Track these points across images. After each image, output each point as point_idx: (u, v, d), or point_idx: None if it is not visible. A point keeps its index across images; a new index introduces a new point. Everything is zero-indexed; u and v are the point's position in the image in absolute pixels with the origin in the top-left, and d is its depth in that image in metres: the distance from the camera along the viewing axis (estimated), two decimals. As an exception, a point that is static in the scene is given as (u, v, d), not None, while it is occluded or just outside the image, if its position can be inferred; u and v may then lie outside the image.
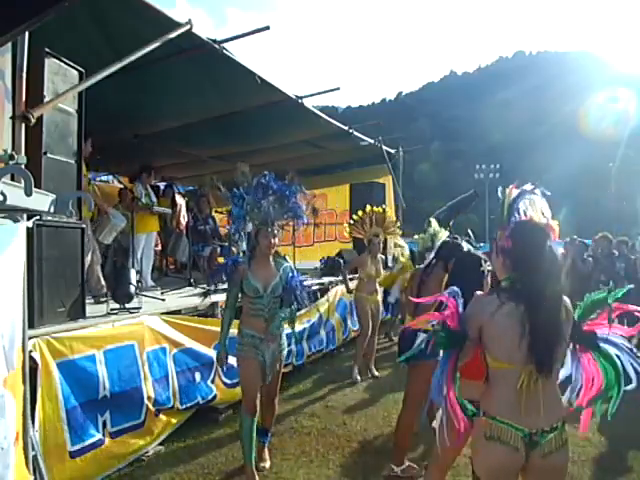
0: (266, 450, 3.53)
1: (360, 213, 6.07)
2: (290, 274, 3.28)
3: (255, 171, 3.44)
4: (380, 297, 5.92)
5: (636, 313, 1.84)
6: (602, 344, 1.82)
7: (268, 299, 3.19)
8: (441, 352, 1.80)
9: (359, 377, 5.55)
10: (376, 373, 5.79)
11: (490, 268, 2.58)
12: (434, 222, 3.58)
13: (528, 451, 1.67)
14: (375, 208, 6.04)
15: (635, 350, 1.85)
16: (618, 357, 1.81)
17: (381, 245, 5.95)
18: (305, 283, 3.49)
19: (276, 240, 3.24)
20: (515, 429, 1.66)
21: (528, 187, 2.06)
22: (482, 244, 9.22)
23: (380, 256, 5.97)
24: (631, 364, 1.81)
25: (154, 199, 6.65)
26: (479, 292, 1.87)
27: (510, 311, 1.68)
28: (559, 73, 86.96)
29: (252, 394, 3.18)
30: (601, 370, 1.83)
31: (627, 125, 55.95)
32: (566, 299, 1.79)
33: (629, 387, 1.84)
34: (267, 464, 3.44)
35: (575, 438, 3.87)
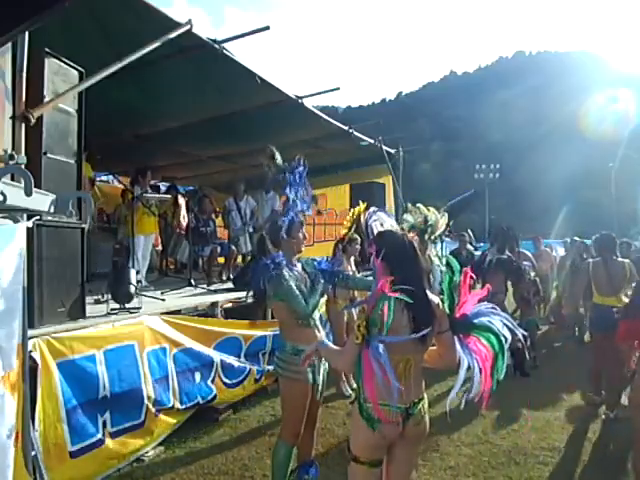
0: None
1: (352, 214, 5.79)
2: (313, 262, 2.86)
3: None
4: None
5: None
6: (475, 320, 2.02)
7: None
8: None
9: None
10: (347, 392, 5.04)
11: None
12: (433, 209, 3.60)
13: (405, 422, 1.94)
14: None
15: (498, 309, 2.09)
16: (491, 322, 2.02)
17: (358, 247, 5.38)
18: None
19: None
20: (396, 408, 1.91)
21: (373, 209, 2.73)
22: (482, 244, 9.25)
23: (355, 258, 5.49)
24: (501, 322, 2.03)
25: (152, 201, 6.64)
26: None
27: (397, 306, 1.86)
28: (559, 73, 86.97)
29: (300, 423, 2.72)
30: (486, 343, 2.02)
31: (627, 125, 55.94)
32: (432, 295, 2.02)
33: (507, 345, 2.03)
34: None
35: (575, 438, 3.90)
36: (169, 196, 7.18)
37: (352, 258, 5.38)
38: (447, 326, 2.02)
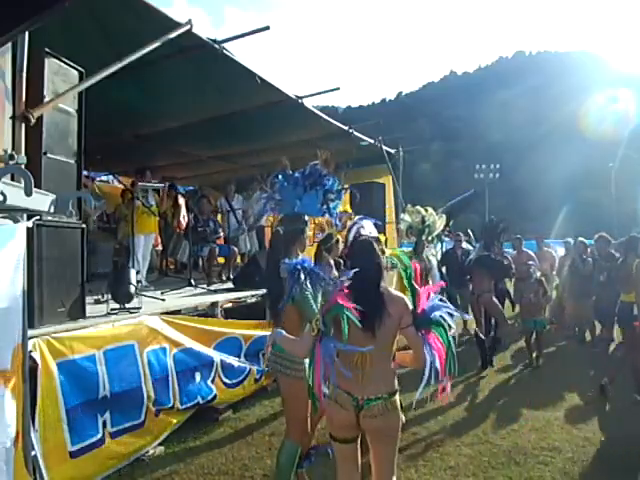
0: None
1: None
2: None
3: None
4: None
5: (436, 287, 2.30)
6: (432, 315, 2.17)
7: None
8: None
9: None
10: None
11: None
12: (431, 210, 3.84)
13: (357, 412, 2.13)
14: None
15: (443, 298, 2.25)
16: (442, 317, 2.17)
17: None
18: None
19: None
20: (348, 394, 2.14)
21: (357, 218, 3.28)
22: (478, 244, 9.23)
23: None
24: (446, 312, 2.19)
25: (152, 201, 6.65)
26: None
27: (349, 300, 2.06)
28: (559, 73, 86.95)
29: (306, 421, 2.79)
30: (441, 339, 2.18)
31: (627, 125, 55.91)
32: (399, 294, 2.21)
33: (451, 333, 2.19)
34: None
35: (575, 438, 3.89)
36: (162, 185, 7.19)
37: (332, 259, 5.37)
38: (410, 321, 2.15)
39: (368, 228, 2.96)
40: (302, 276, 2.60)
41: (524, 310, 6.59)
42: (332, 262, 5.20)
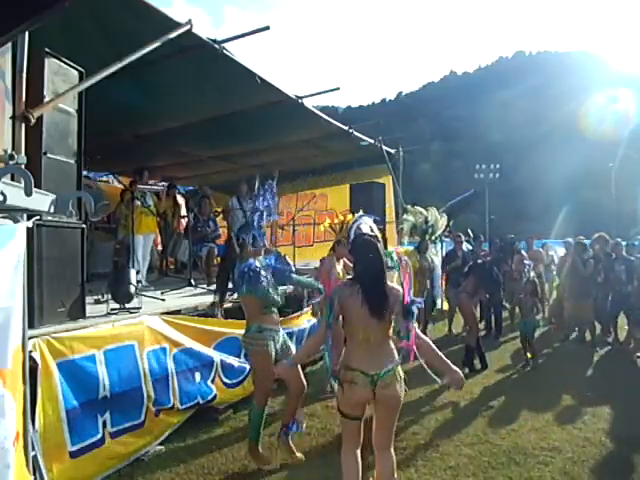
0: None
1: (341, 218, 5.96)
2: (269, 261, 3.57)
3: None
4: None
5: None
6: (412, 307, 2.54)
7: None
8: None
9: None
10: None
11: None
12: (433, 210, 4.10)
13: (373, 388, 2.45)
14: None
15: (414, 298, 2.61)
16: (415, 309, 2.58)
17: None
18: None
19: None
20: (363, 374, 2.46)
21: (358, 216, 3.44)
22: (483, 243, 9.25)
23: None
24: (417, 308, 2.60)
25: (149, 202, 6.64)
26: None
27: (354, 290, 2.51)
28: (559, 73, 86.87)
29: (269, 387, 3.50)
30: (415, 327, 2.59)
31: (627, 125, 55.92)
32: (395, 286, 2.58)
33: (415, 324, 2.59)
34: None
35: (575, 438, 3.89)
36: (161, 187, 7.19)
37: (342, 260, 5.32)
38: (399, 309, 2.53)
39: (368, 225, 3.21)
40: (250, 275, 3.27)
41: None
42: (341, 261, 5.34)
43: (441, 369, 2.58)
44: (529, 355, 6.21)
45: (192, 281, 5.92)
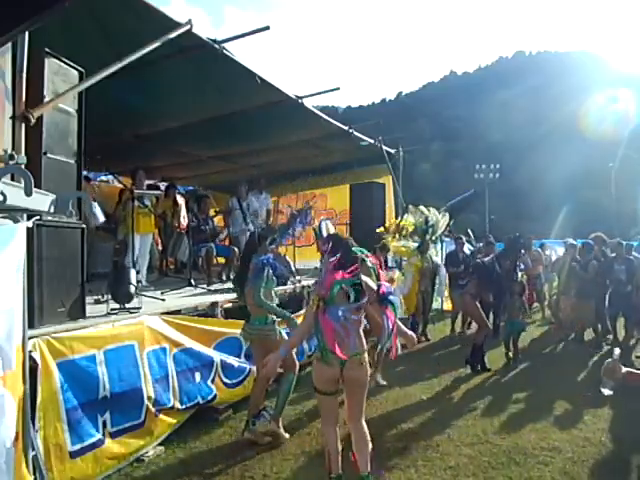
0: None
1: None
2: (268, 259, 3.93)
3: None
4: None
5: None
6: (389, 297, 2.86)
7: None
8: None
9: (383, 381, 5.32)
10: (383, 382, 5.33)
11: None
12: (434, 210, 4.36)
13: (341, 368, 2.78)
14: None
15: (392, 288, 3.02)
16: (395, 299, 2.90)
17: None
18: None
19: None
20: (334, 355, 2.71)
21: (322, 219, 3.93)
22: (482, 244, 9.24)
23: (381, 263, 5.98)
24: (398, 298, 2.99)
25: (146, 202, 6.64)
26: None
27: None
28: (559, 73, 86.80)
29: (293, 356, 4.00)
30: (393, 312, 2.86)
31: (627, 125, 55.90)
32: (367, 279, 2.85)
33: (399, 313, 2.93)
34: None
35: (575, 438, 3.89)
36: (159, 192, 7.20)
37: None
38: (374, 298, 2.82)
39: (330, 225, 3.66)
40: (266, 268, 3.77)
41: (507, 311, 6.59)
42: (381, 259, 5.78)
43: (399, 334, 2.91)
44: (511, 355, 6.27)
45: (192, 281, 5.92)
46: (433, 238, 7.93)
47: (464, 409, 4.64)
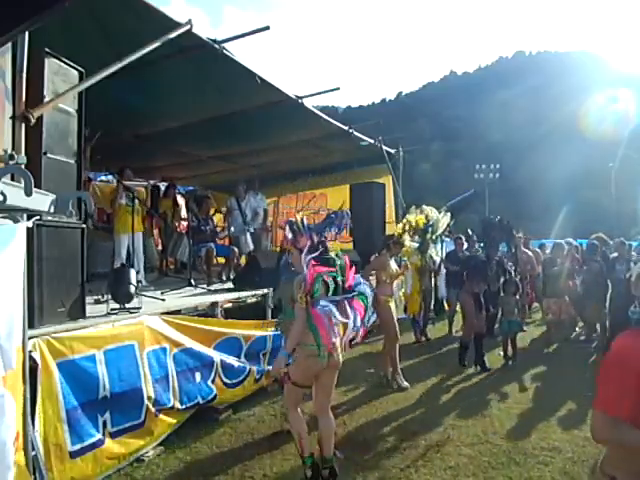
0: None
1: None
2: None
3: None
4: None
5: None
6: (356, 289, 3.15)
7: None
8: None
9: (406, 382, 5.28)
10: (405, 384, 5.26)
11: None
12: (434, 210, 4.43)
13: (329, 358, 3.00)
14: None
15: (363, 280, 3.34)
16: (364, 289, 3.22)
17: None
18: None
19: None
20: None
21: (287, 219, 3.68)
22: (482, 244, 9.23)
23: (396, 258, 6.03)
24: (368, 287, 3.31)
25: (134, 201, 6.63)
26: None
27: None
28: (559, 73, 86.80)
29: None
30: (362, 304, 3.16)
31: (627, 125, 55.89)
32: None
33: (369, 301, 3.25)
34: None
35: (575, 438, 3.89)
36: (145, 183, 7.20)
37: (393, 257, 5.81)
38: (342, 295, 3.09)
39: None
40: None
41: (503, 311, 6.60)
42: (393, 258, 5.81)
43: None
44: (509, 354, 6.29)
45: (192, 281, 5.92)
46: (433, 237, 7.94)
47: (464, 409, 4.64)
